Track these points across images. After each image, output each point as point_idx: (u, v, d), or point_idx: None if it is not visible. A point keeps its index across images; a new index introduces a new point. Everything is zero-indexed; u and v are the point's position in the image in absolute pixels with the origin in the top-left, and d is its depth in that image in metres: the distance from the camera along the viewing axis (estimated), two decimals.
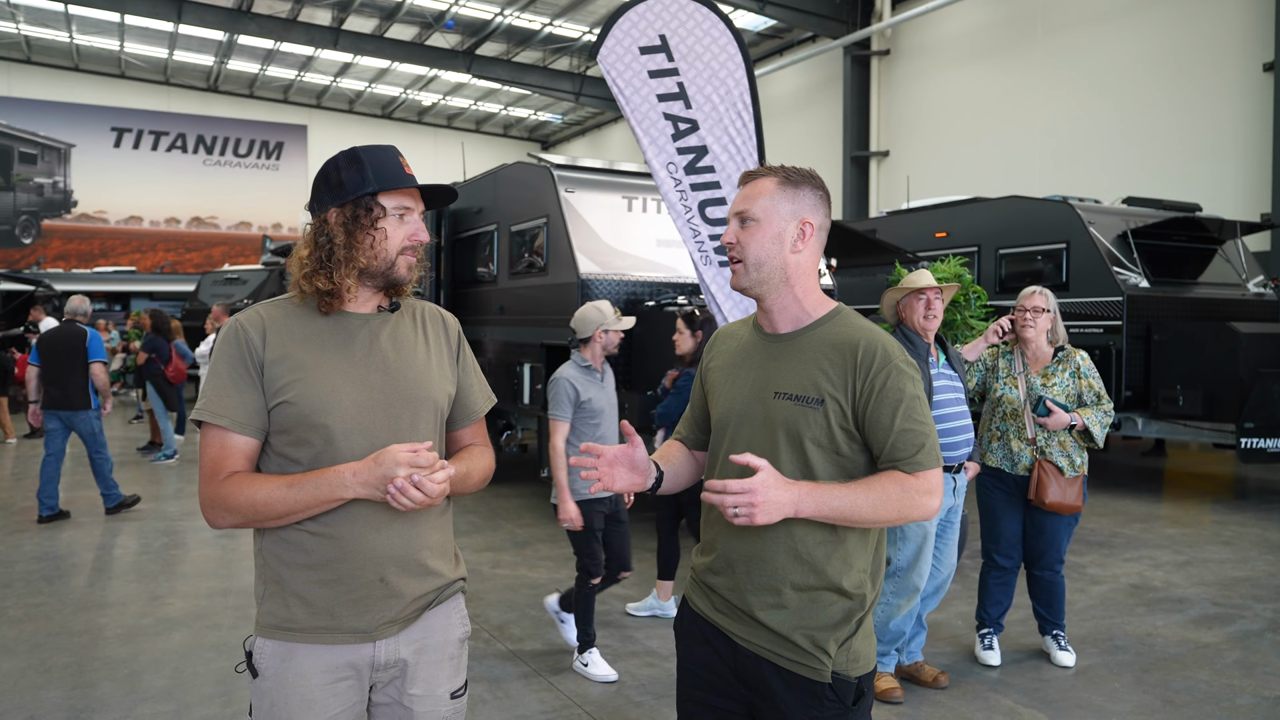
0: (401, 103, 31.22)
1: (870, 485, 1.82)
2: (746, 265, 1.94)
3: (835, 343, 1.90)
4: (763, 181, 1.95)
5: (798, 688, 1.87)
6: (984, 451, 4.55)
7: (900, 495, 1.81)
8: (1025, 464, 4.38)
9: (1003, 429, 4.48)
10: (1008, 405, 4.45)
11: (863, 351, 1.86)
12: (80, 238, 28.69)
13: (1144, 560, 6.56)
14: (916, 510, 1.83)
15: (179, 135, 29.80)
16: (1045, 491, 4.28)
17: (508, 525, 7.56)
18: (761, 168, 1.98)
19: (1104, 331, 9.04)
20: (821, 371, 1.88)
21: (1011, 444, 4.42)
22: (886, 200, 18.64)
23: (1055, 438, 4.35)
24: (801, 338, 1.95)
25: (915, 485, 1.83)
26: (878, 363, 1.85)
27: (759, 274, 1.93)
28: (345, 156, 1.91)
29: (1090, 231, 9.24)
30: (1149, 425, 9.13)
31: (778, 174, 1.96)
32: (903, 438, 1.84)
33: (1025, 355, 4.52)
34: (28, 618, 5.10)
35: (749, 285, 1.95)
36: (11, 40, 25.79)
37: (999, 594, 4.56)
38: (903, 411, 1.84)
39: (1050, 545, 4.45)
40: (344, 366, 1.87)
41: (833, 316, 1.96)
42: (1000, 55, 16.81)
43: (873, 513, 1.80)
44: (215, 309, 10.97)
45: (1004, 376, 4.52)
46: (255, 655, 1.87)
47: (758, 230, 1.93)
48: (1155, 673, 4.41)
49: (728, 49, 6.13)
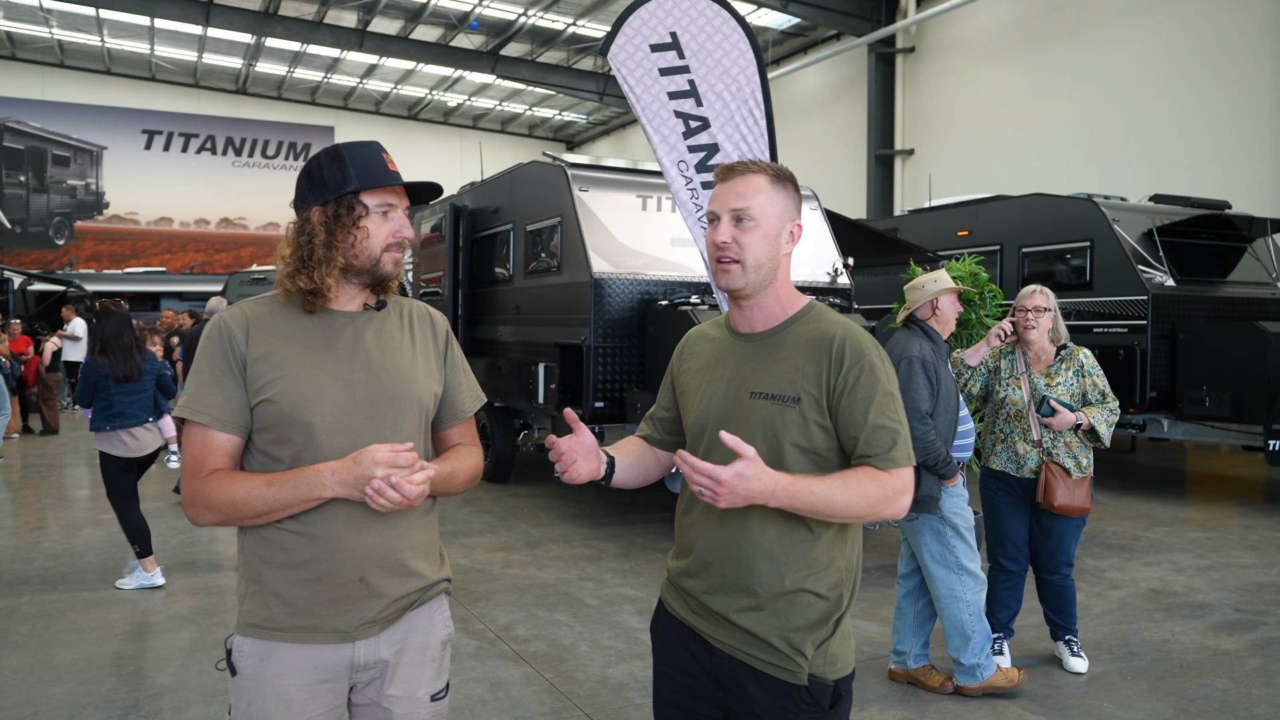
0: (427, 104, 31.38)
1: (846, 480, 1.78)
2: (745, 266, 1.87)
3: (810, 339, 1.87)
4: (755, 178, 1.89)
5: (774, 690, 1.84)
6: (987, 454, 4.47)
7: (876, 491, 1.78)
8: (1032, 466, 4.30)
9: (1006, 431, 4.39)
10: (1011, 407, 4.37)
11: (837, 346, 1.83)
12: (112, 239, 29.10)
13: (1165, 564, 6.42)
14: (889, 508, 1.80)
15: (208, 137, 30.14)
16: (1054, 494, 4.19)
17: (522, 525, 7.56)
18: (746, 162, 1.91)
19: (1128, 331, 8.88)
20: (797, 369, 1.85)
21: (1017, 446, 4.34)
22: (911, 199, 18.47)
23: (1061, 438, 4.26)
24: (776, 336, 1.91)
25: (890, 482, 1.79)
26: (851, 357, 1.81)
27: (757, 275, 1.88)
28: (328, 154, 1.90)
29: (1115, 229, 9.09)
30: (1175, 427, 8.96)
31: (766, 170, 1.90)
32: (875, 434, 1.80)
33: (1027, 355, 4.43)
34: (40, 614, 5.15)
35: (743, 286, 1.89)
36: (45, 44, 26.20)
37: (1007, 598, 4.47)
38: (875, 407, 1.80)
39: (1058, 548, 4.36)
40: (327, 365, 1.86)
41: (807, 313, 1.93)
42: (1027, 51, 16.60)
43: (846, 508, 1.77)
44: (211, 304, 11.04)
45: (1006, 378, 4.43)
46: (234, 653, 1.87)
47: (756, 230, 1.87)
48: (1170, 680, 4.31)
49: (739, 45, 6.08)
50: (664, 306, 7.14)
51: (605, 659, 4.54)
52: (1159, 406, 8.82)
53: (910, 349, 4.00)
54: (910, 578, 4.30)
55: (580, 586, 5.81)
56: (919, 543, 4.10)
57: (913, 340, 4.05)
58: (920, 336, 4.09)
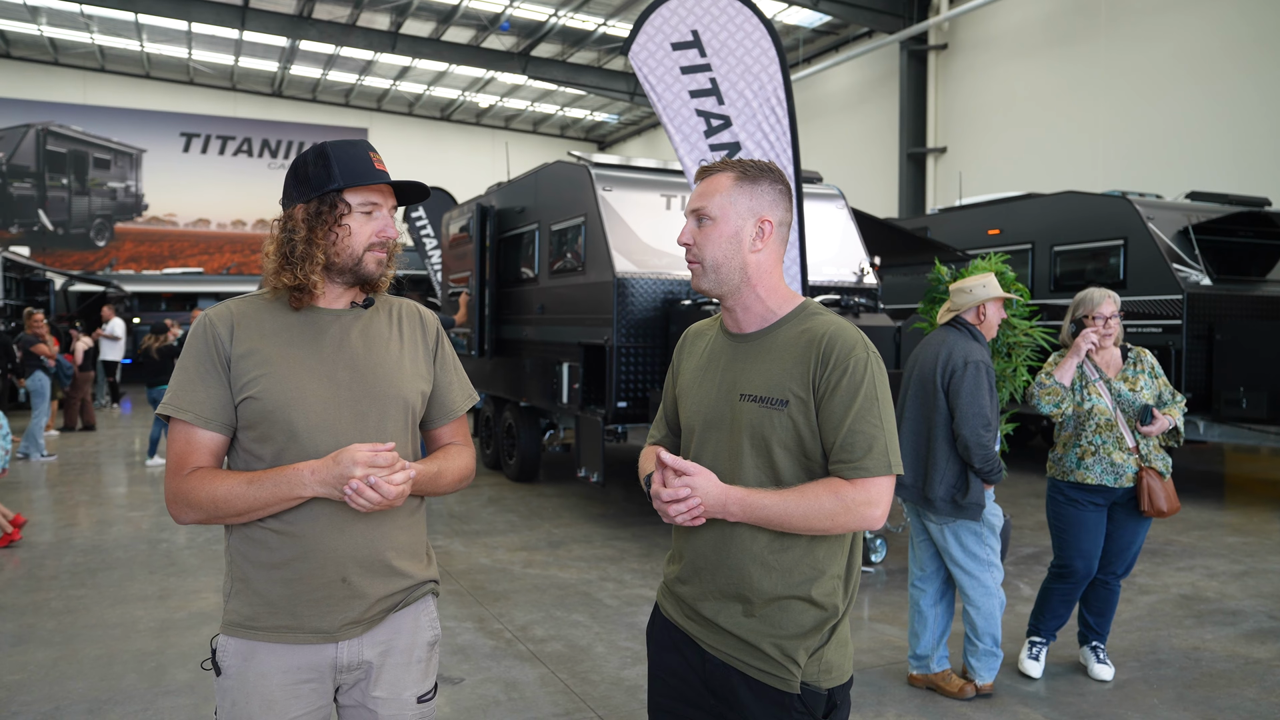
0: (460, 105, 31.54)
1: (804, 493, 1.74)
2: (704, 266, 1.86)
3: (799, 339, 1.83)
4: (719, 177, 1.87)
5: (766, 698, 1.81)
6: (1070, 469, 4.24)
7: (834, 505, 1.73)
8: (1130, 475, 4.15)
9: (1099, 443, 4.18)
10: (1100, 417, 4.18)
11: (825, 345, 1.78)
12: (150, 240, 29.55)
13: (1198, 570, 6.28)
14: (854, 521, 1.74)
15: (244, 139, 30.50)
16: (1158, 499, 4.09)
17: (545, 525, 7.56)
18: (718, 162, 1.90)
19: (1163, 331, 8.70)
20: (786, 370, 1.81)
21: (1113, 456, 4.15)
22: (943, 198, 18.26)
23: (1150, 443, 4.17)
24: (766, 337, 1.88)
25: (852, 495, 1.73)
26: (837, 357, 1.77)
27: (717, 275, 1.86)
28: (314, 152, 1.89)
29: (1149, 227, 8.91)
30: (1211, 429, 8.76)
31: (734, 169, 1.87)
32: (851, 438, 1.74)
33: (1095, 361, 4.30)
34: (67, 610, 5.23)
35: (708, 288, 1.88)
36: (86, 50, 26.67)
37: (1062, 608, 4.35)
38: (856, 410, 1.75)
39: (1130, 552, 4.31)
40: (311, 363, 1.85)
41: (798, 313, 1.89)
42: (1062, 47, 16.33)
43: (805, 522, 1.74)
44: None
45: (1083, 387, 4.25)
46: (219, 652, 1.87)
47: (714, 229, 1.85)
48: (1199, 689, 4.20)
49: (761, 43, 6.03)
50: (687, 306, 7.10)
51: (621, 660, 4.52)
52: (1195, 408, 8.64)
53: (973, 353, 3.95)
54: (930, 581, 4.22)
55: (600, 587, 5.80)
56: (957, 545, 4.03)
57: (971, 344, 4.00)
58: (973, 340, 4.04)
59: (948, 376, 3.94)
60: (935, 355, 4.03)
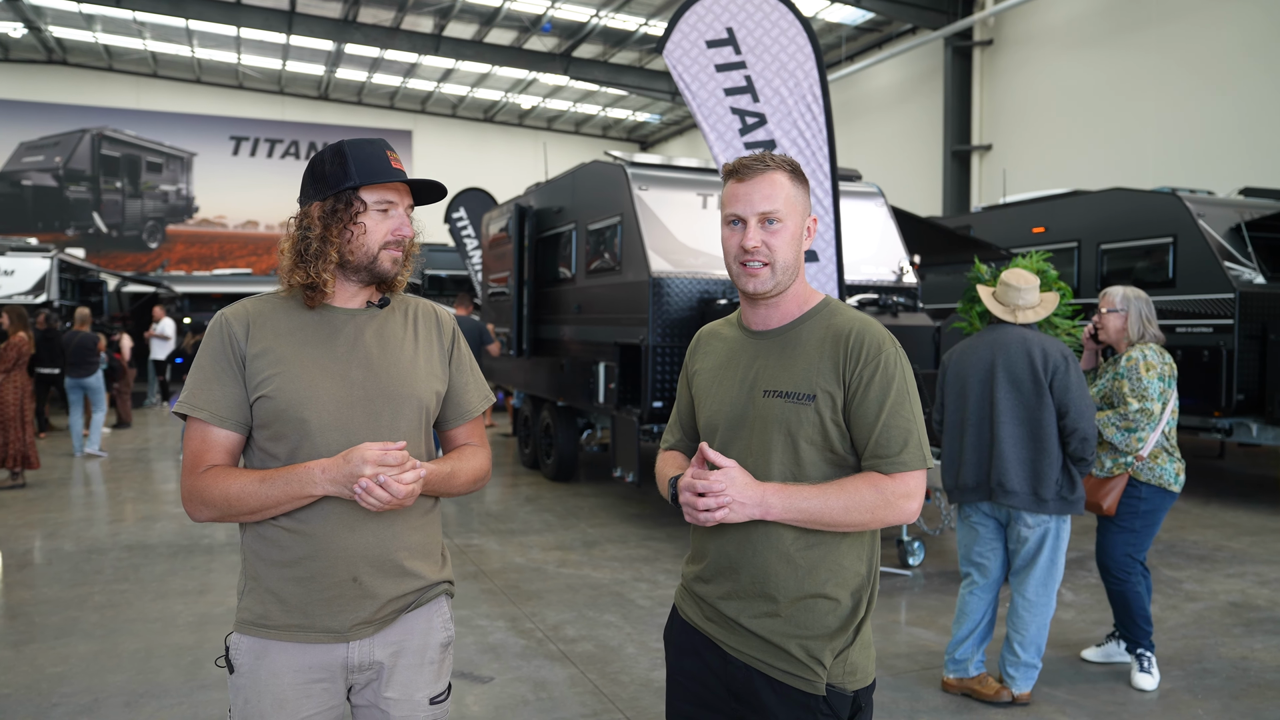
0: (503, 106, 31.73)
1: (844, 487, 1.72)
2: (775, 269, 1.81)
3: (825, 335, 1.81)
4: (776, 176, 1.83)
5: (790, 700, 1.78)
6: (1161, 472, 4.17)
7: (875, 499, 1.71)
8: None
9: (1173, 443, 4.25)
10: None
11: (853, 341, 1.77)
12: (201, 241, 30.14)
13: (1249, 576, 6.10)
14: (893, 514, 1.73)
15: (292, 142, 30.97)
16: None
17: (581, 524, 7.56)
18: (758, 158, 1.84)
19: (1214, 331, 8.47)
20: (812, 365, 1.79)
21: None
22: (988, 195, 17.97)
23: None
24: (790, 332, 1.86)
25: (892, 488, 1.73)
26: (867, 353, 1.75)
27: (785, 277, 1.83)
28: (331, 150, 1.89)
29: (1199, 224, 8.68)
30: (1264, 431, 8.51)
31: (785, 167, 1.84)
32: (887, 433, 1.74)
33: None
34: (110, 604, 5.33)
35: (772, 289, 1.83)
36: (139, 56, 27.27)
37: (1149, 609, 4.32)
38: (890, 406, 1.74)
39: None
40: (325, 361, 1.86)
41: (820, 309, 1.87)
42: (1110, 41, 15.98)
43: (845, 516, 1.71)
44: None
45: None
46: (231, 651, 1.88)
47: (784, 230, 1.82)
48: (1246, 699, 4.07)
49: (796, 40, 5.97)
50: (723, 306, 7.06)
51: (651, 661, 4.49)
52: (1247, 410, 8.40)
53: (1062, 347, 3.91)
54: (990, 588, 4.09)
55: (633, 587, 5.78)
56: (1054, 543, 3.92)
57: (1051, 339, 3.97)
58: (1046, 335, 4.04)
59: (1050, 374, 3.84)
60: (1024, 354, 3.89)
